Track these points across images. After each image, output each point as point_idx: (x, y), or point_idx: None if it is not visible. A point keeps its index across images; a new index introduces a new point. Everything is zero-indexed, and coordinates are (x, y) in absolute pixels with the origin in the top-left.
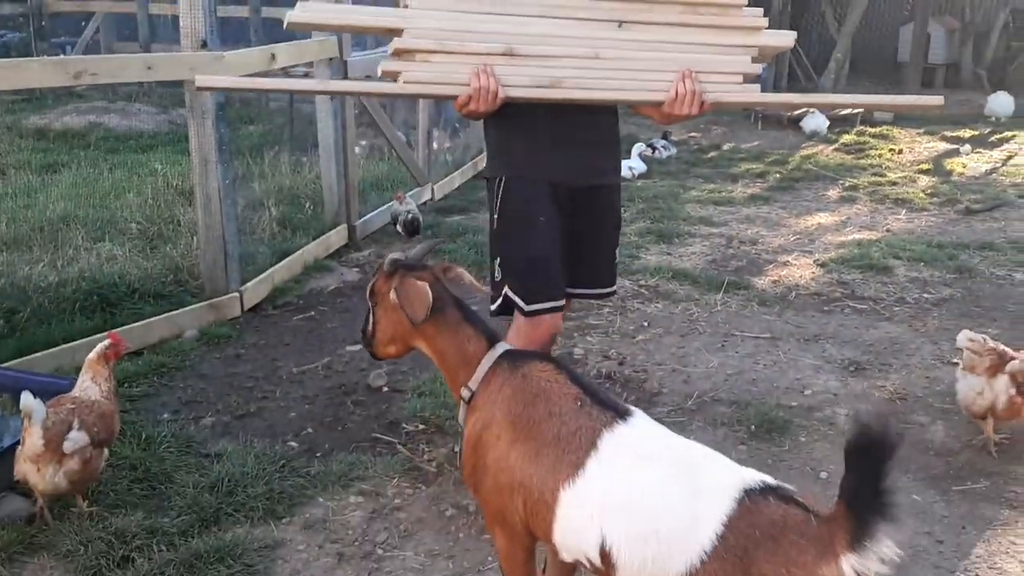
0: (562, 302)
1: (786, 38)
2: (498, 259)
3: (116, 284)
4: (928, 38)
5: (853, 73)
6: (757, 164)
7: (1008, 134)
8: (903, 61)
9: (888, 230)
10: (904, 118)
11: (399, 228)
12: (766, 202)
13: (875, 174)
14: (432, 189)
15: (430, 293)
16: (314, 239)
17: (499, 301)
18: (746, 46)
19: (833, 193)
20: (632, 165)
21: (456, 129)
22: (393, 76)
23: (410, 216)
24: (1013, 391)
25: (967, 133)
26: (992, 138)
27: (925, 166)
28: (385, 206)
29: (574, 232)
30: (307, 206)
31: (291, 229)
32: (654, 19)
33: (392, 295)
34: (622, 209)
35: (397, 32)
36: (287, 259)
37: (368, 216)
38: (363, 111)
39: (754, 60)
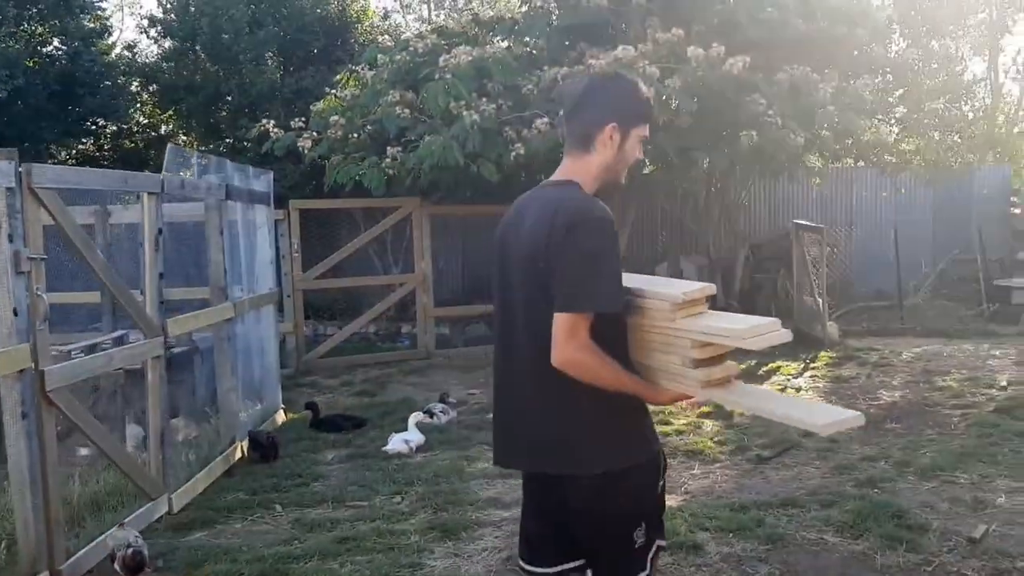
0: None
1: None
2: (643, 525)
3: None
4: (681, 273)
5: None
6: None
7: (773, 366)
8: None
9: (687, 491)
10: None
11: (117, 567)
12: None
13: (660, 422)
14: (169, 500)
15: None
16: None
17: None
18: None
19: None
20: (408, 438)
21: (206, 413)
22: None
23: (130, 550)
24: None
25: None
26: (760, 371)
27: (705, 408)
28: (106, 534)
29: None
30: (1, 547)
31: None
32: None
33: None
34: (399, 499)
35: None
36: None
37: (81, 552)
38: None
39: None
